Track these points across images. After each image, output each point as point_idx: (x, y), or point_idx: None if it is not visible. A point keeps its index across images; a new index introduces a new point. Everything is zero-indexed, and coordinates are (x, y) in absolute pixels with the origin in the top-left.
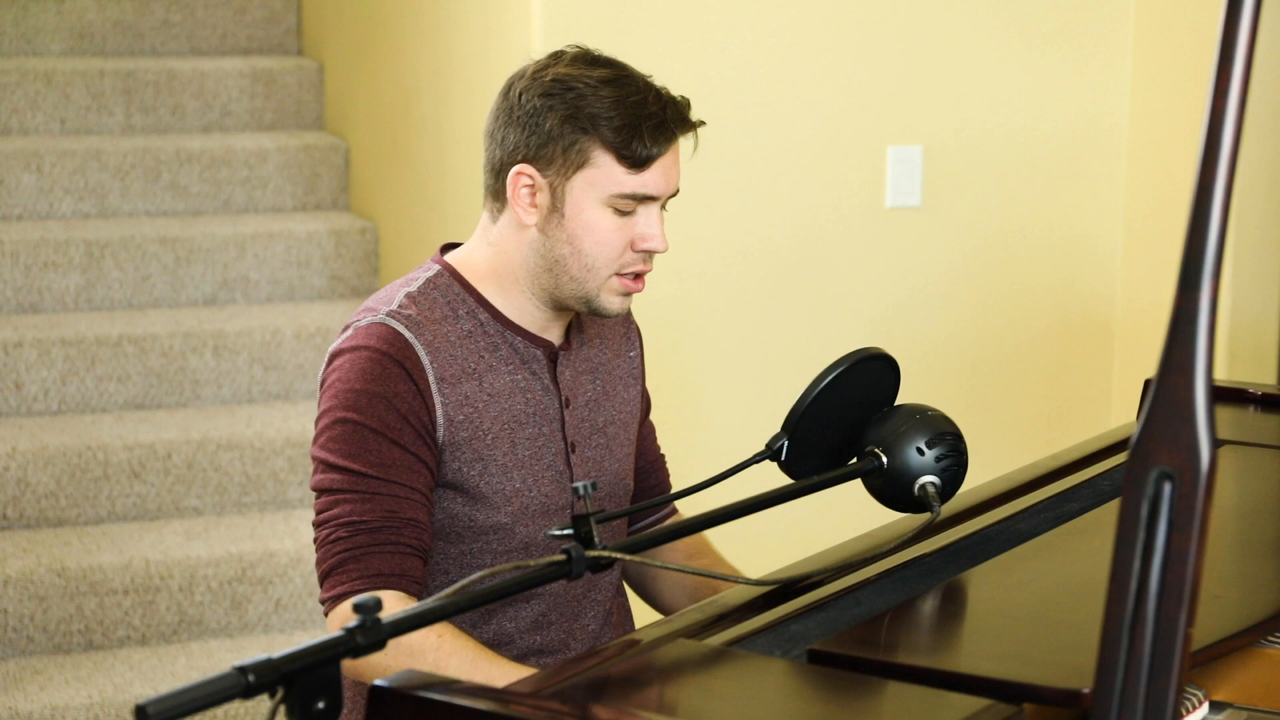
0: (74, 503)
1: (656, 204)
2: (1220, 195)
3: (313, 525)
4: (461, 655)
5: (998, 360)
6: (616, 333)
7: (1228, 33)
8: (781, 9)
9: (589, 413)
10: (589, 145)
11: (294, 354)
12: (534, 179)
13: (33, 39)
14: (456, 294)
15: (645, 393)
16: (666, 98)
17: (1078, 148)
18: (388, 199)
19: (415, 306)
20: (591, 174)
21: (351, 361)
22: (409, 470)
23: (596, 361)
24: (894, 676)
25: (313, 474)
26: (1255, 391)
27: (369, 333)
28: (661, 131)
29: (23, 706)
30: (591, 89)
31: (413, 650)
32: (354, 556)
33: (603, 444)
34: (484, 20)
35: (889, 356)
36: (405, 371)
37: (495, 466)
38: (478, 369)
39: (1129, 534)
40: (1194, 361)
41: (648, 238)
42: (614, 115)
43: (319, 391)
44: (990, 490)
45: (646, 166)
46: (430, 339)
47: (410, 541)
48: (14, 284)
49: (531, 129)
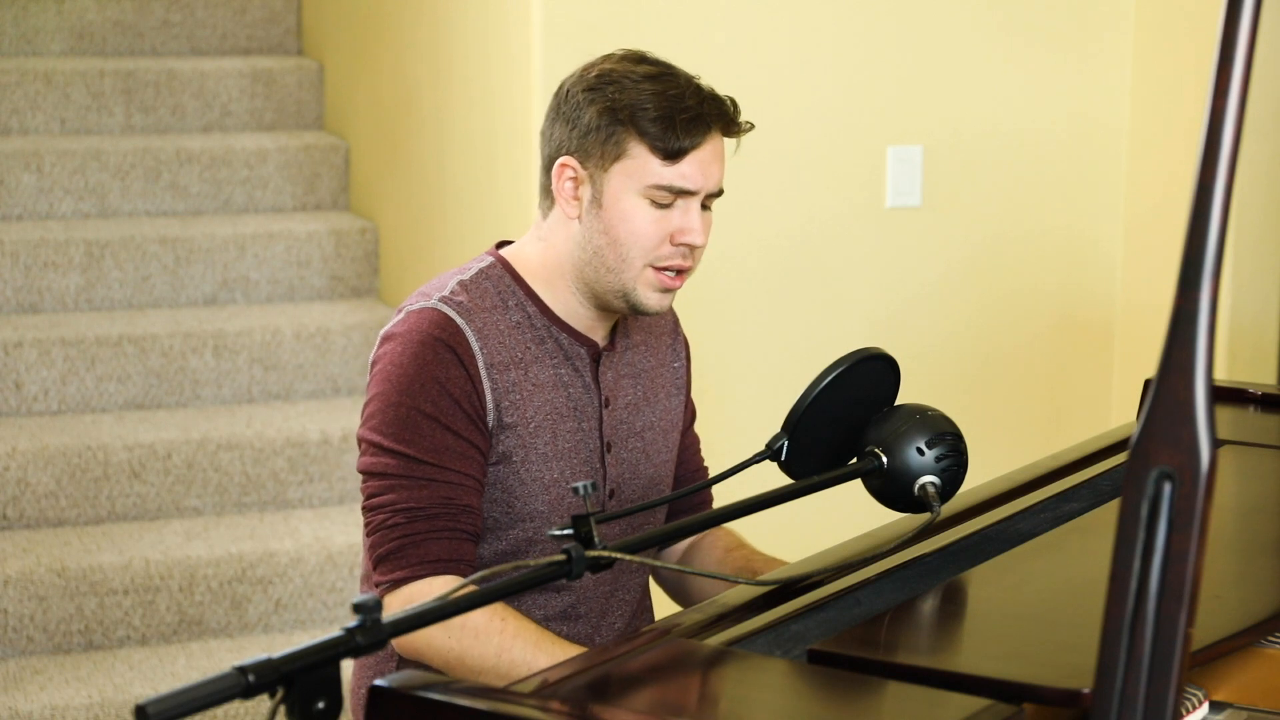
0: (74, 503)
1: (695, 199)
2: (1220, 195)
3: (363, 509)
4: (525, 637)
5: (998, 360)
6: (663, 342)
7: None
8: (782, 9)
9: (628, 415)
10: (626, 136)
11: (294, 354)
12: (576, 171)
13: (33, 39)
14: (507, 285)
15: (690, 404)
16: (707, 94)
17: (1078, 148)
18: (388, 199)
19: (467, 294)
20: (628, 165)
21: (404, 345)
22: (462, 456)
23: (640, 366)
24: (894, 676)
25: (361, 455)
26: (1255, 391)
27: (420, 316)
28: (697, 124)
29: (23, 706)
30: (634, 83)
31: (479, 632)
32: (412, 543)
33: (639, 448)
34: (484, 20)
35: (889, 356)
36: (456, 356)
37: (536, 455)
38: (524, 359)
39: (1129, 534)
40: (1194, 361)
41: (685, 231)
42: (650, 107)
43: (369, 373)
44: (990, 490)
45: (681, 158)
46: (480, 326)
47: (465, 527)
48: (14, 284)
49: (574, 122)
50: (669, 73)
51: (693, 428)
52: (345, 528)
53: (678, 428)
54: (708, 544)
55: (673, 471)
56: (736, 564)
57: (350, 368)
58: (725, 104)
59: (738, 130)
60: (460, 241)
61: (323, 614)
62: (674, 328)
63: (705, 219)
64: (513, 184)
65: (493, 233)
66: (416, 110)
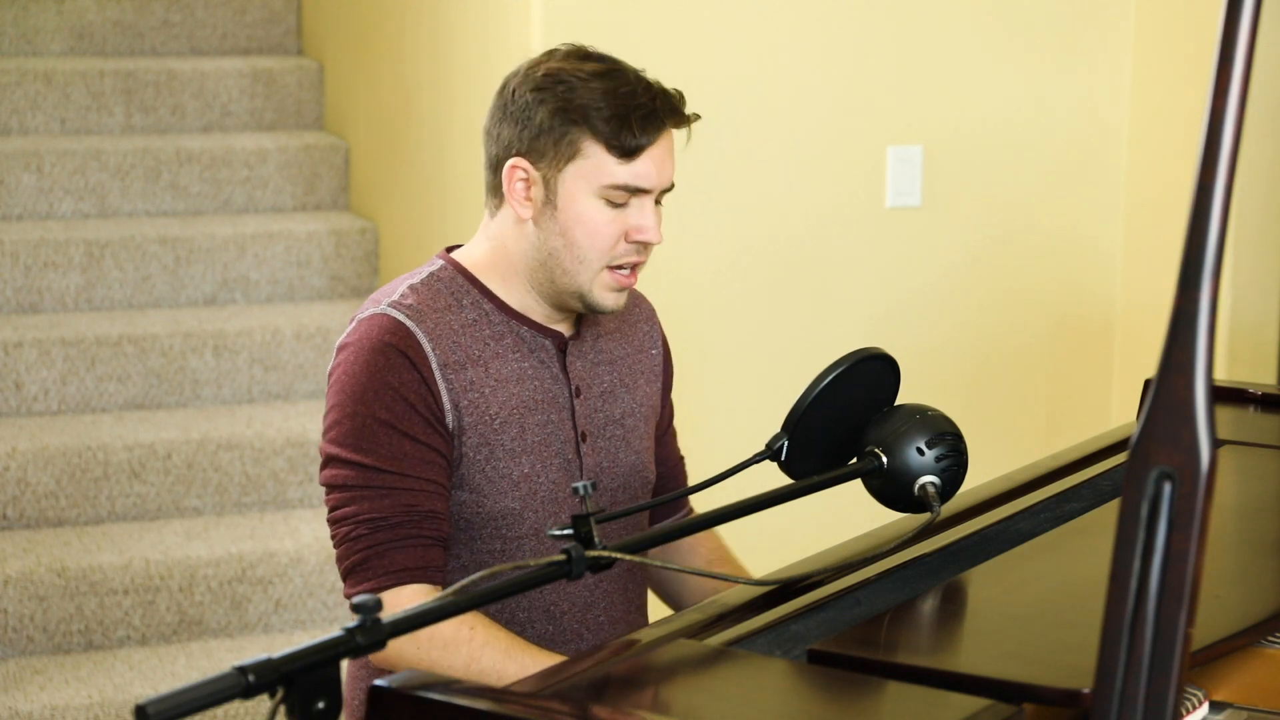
0: (74, 503)
1: (649, 196)
2: (1220, 195)
3: (328, 522)
4: (495, 645)
5: (998, 360)
6: (639, 329)
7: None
8: (781, 9)
9: (603, 403)
10: (579, 136)
11: (294, 354)
12: (528, 172)
13: (33, 39)
14: (460, 285)
15: (669, 400)
16: (657, 89)
17: (1078, 148)
18: (388, 199)
19: (416, 296)
20: (582, 165)
21: (356, 353)
22: (423, 462)
23: (615, 354)
24: (894, 676)
25: (322, 468)
26: (1255, 391)
27: (371, 323)
28: (651, 121)
29: (23, 706)
30: (582, 81)
31: (446, 643)
32: (377, 554)
33: (619, 435)
34: (484, 20)
35: (889, 356)
36: (409, 360)
37: (503, 451)
38: (483, 355)
39: (1129, 534)
40: (1194, 361)
41: (641, 229)
42: (603, 106)
43: (327, 384)
44: (990, 490)
45: (636, 156)
46: (432, 327)
47: (430, 533)
48: (14, 284)
49: (524, 123)
50: (617, 69)
51: (671, 425)
52: None
53: (656, 413)
54: (687, 548)
55: (652, 458)
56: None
57: None
58: (674, 97)
59: (686, 122)
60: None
61: (323, 614)
62: (650, 315)
63: (658, 214)
64: None
65: None
66: (416, 110)
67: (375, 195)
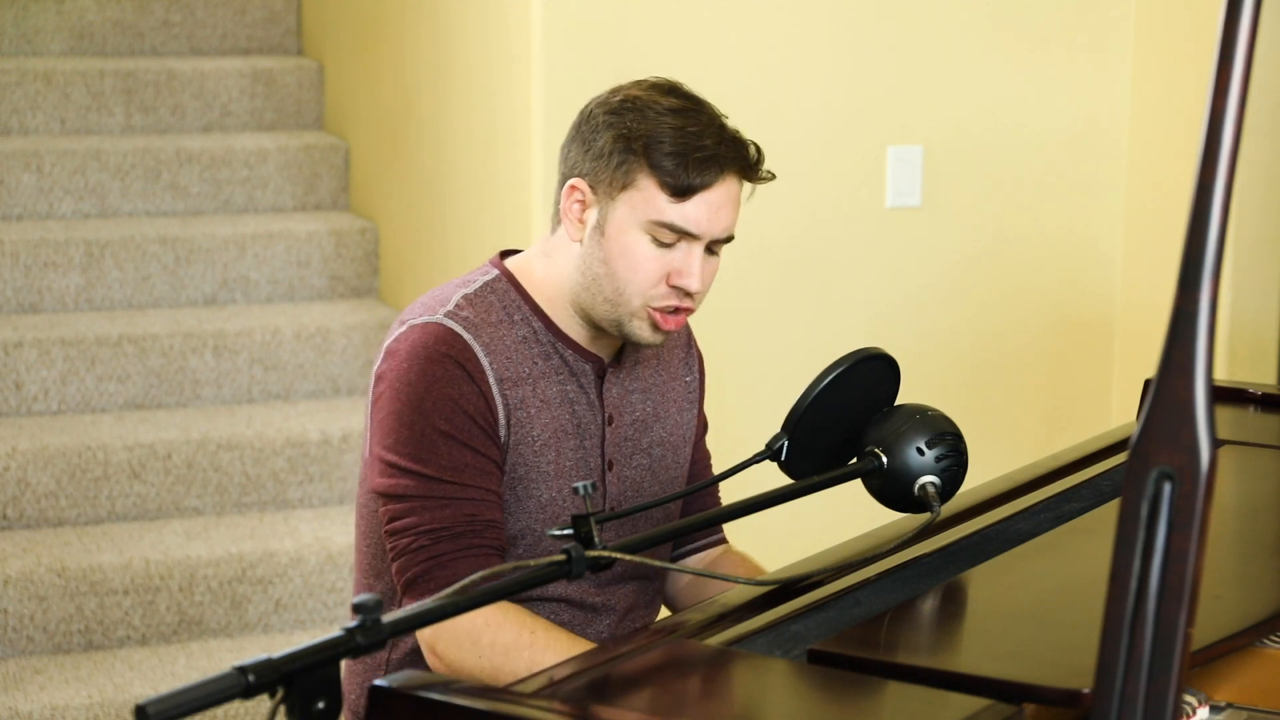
0: (74, 503)
1: (698, 243)
2: (1220, 195)
3: (386, 533)
4: (556, 648)
5: (998, 360)
6: (676, 356)
7: (1228, 33)
8: (781, 9)
9: (633, 432)
10: (636, 166)
11: (294, 354)
12: (585, 195)
13: (33, 39)
14: (512, 300)
15: (703, 416)
16: (729, 135)
17: (1078, 148)
18: (388, 199)
19: (472, 308)
20: (634, 196)
21: (411, 361)
22: (481, 472)
23: (650, 381)
24: (894, 676)
25: (378, 475)
26: (1255, 391)
27: (425, 332)
28: (710, 165)
29: (23, 706)
30: (656, 114)
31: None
32: (439, 564)
33: (645, 465)
34: (484, 20)
35: (889, 356)
36: (466, 372)
37: (537, 473)
38: (532, 374)
39: (1129, 534)
40: (1194, 361)
41: (683, 273)
42: (666, 140)
43: (373, 385)
44: (990, 490)
45: (689, 197)
46: (488, 341)
47: (490, 543)
48: (14, 284)
49: (589, 145)
50: (695, 109)
51: (704, 440)
52: (345, 528)
53: (689, 442)
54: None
55: (683, 487)
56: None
57: (350, 368)
58: (746, 148)
59: (756, 178)
60: (460, 242)
61: (323, 614)
62: (687, 340)
63: (709, 264)
64: (512, 184)
65: (492, 233)
66: (416, 110)
67: (375, 195)
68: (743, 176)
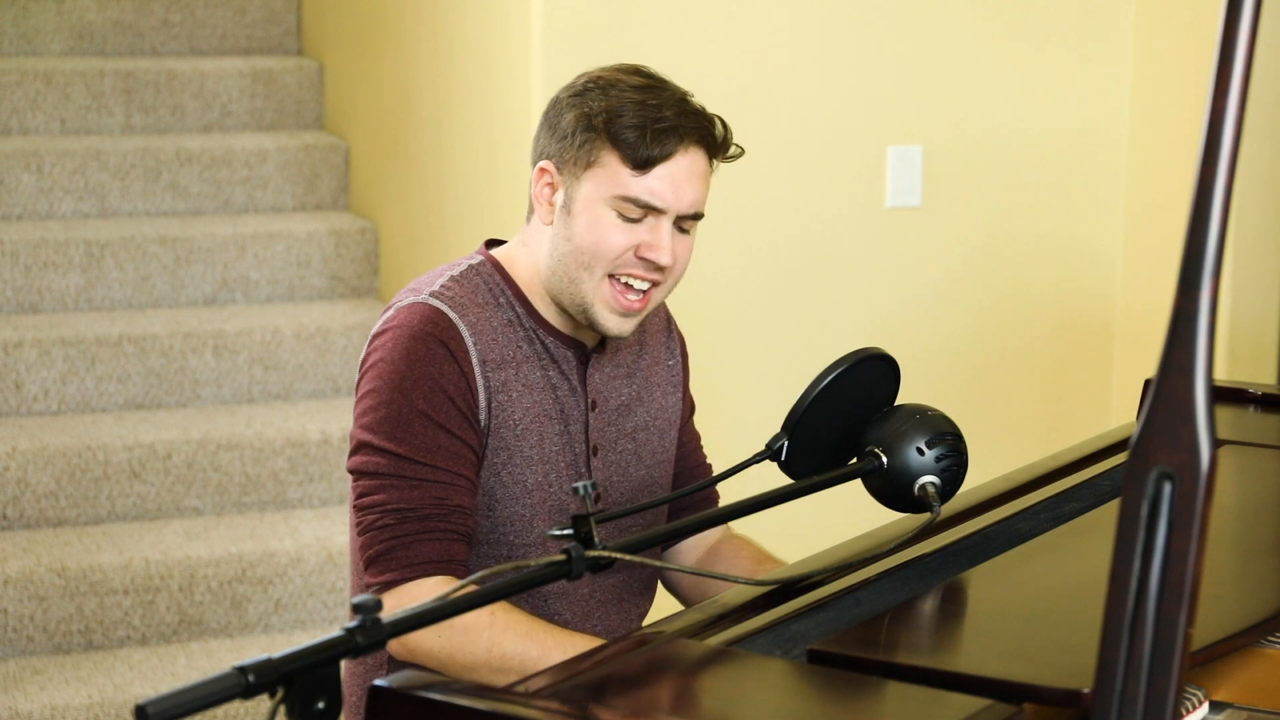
0: (74, 503)
1: (664, 217)
2: (1220, 195)
3: (354, 508)
4: (516, 629)
5: (998, 360)
6: (657, 340)
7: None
8: (781, 9)
9: (617, 417)
10: (599, 143)
11: (294, 354)
12: (553, 176)
13: (33, 39)
14: (497, 284)
15: (688, 398)
16: (690, 109)
17: (1078, 148)
18: (388, 199)
19: (458, 288)
20: (599, 173)
21: (396, 340)
22: (455, 456)
23: (633, 366)
24: (894, 676)
25: (351, 454)
26: (1255, 391)
27: (412, 311)
28: (669, 135)
29: (23, 706)
30: (619, 91)
31: (468, 629)
32: (402, 544)
33: (630, 449)
34: (484, 20)
35: (889, 356)
36: (449, 351)
37: (520, 458)
38: (515, 358)
39: (1129, 534)
40: (1194, 361)
41: (651, 246)
42: (626, 114)
43: (360, 371)
44: (990, 490)
45: (649, 169)
46: (473, 321)
47: (457, 528)
48: (14, 284)
49: (555, 127)
50: (659, 86)
51: (691, 422)
52: (345, 528)
53: (675, 425)
54: (729, 553)
55: (670, 471)
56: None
57: (350, 368)
58: (709, 121)
59: (720, 150)
60: (460, 241)
61: (323, 614)
62: (668, 324)
63: (680, 242)
64: (512, 184)
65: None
66: (416, 110)
67: (375, 195)
68: (707, 150)
